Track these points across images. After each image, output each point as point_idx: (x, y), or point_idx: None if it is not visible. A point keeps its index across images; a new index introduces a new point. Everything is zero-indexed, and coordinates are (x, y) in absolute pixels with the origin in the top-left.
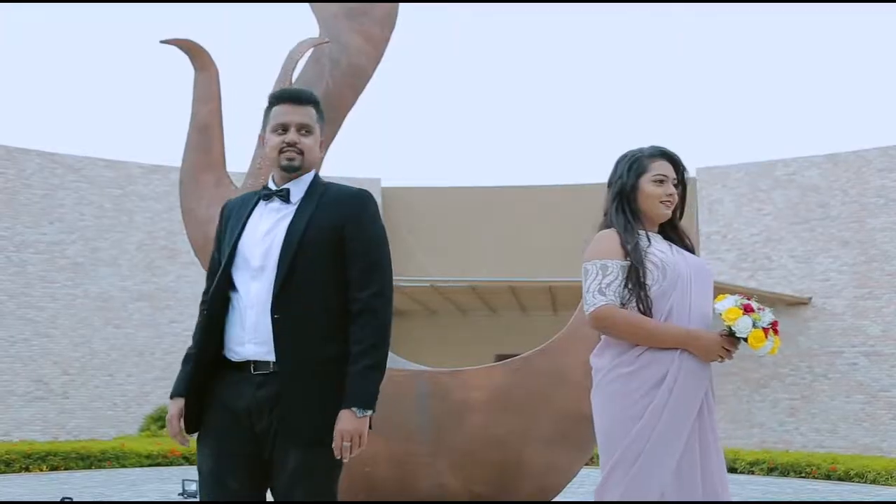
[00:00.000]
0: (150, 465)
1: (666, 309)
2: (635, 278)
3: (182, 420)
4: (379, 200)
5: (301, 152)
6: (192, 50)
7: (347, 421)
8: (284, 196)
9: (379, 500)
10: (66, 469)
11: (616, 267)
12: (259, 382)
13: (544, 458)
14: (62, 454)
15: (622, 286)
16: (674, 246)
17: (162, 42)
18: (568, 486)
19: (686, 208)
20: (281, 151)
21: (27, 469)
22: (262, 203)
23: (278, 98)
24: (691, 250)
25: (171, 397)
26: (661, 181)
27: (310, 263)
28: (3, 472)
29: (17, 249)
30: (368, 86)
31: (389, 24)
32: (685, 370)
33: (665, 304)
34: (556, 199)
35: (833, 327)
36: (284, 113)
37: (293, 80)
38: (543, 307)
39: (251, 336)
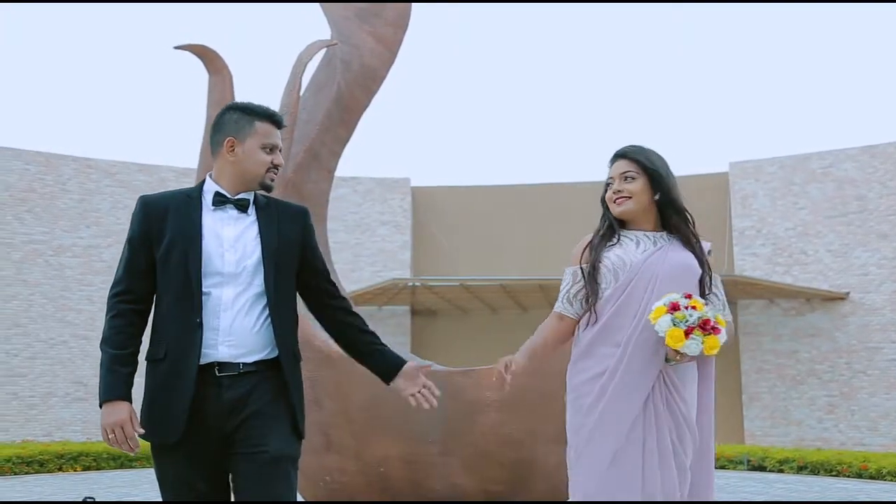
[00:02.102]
0: None
1: (611, 311)
2: (588, 279)
3: (134, 425)
4: (408, 200)
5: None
6: (206, 55)
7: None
8: (244, 206)
9: (392, 501)
10: (97, 469)
11: (569, 274)
12: (227, 385)
13: (558, 457)
14: (94, 454)
15: (571, 290)
16: (662, 244)
17: (176, 48)
18: None
19: (719, 203)
20: (268, 170)
21: (61, 469)
22: (210, 208)
23: (266, 116)
24: (691, 247)
25: (111, 400)
26: (610, 184)
27: (285, 273)
28: (38, 472)
29: (55, 253)
30: (398, 86)
31: (402, 24)
32: (625, 370)
33: (611, 306)
34: (585, 197)
35: (872, 322)
36: (273, 134)
37: (304, 83)
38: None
39: (225, 338)
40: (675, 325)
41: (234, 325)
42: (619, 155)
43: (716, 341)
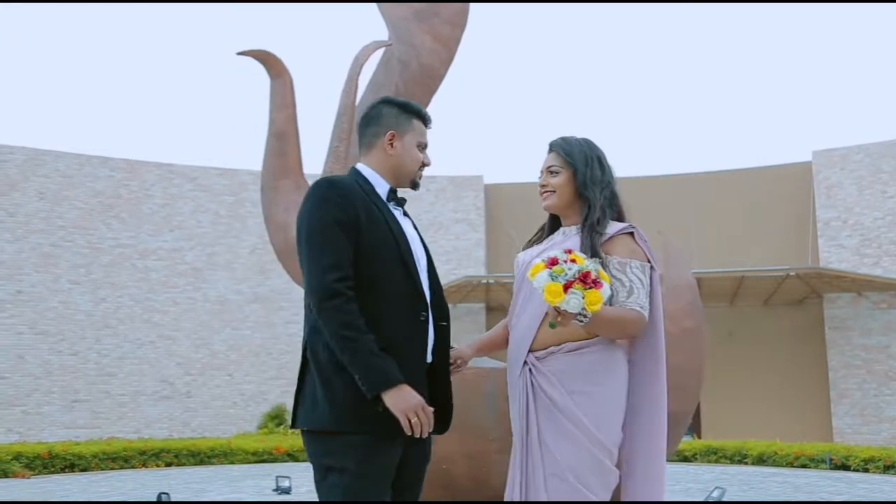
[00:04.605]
0: (255, 462)
1: (510, 310)
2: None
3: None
4: (481, 197)
5: None
6: (267, 59)
7: None
8: (402, 204)
9: (453, 500)
10: (178, 465)
11: None
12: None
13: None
14: (174, 451)
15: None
16: (567, 239)
17: (238, 54)
18: None
19: (802, 194)
20: (419, 168)
21: (144, 465)
22: (389, 203)
23: (421, 115)
24: (583, 235)
25: (396, 384)
26: (540, 177)
27: None
28: (122, 468)
29: (141, 257)
30: (470, 84)
31: (460, 23)
32: (508, 370)
33: (512, 304)
34: (654, 190)
35: None
36: (425, 133)
37: (362, 84)
38: None
39: (430, 338)
40: (552, 279)
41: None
42: (549, 147)
43: (597, 296)
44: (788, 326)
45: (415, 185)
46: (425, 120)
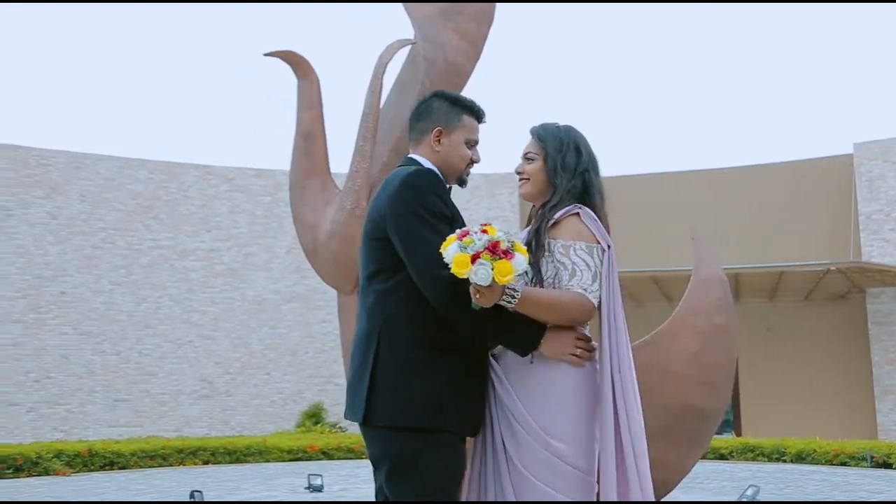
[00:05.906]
0: (290, 460)
1: None
2: None
3: None
4: (516, 195)
5: None
6: (294, 60)
7: None
8: None
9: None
10: (215, 464)
11: None
12: None
13: (652, 453)
14: (211, 449)
15: None
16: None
17: (266, 55)
18: (683, 481)
19: (844, 187)
20: (466, 165)
21: (182, 463)
22: None
23: (473, 111)
24: (536, 224)
25: (543, 333)
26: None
27: None
28: (161, 466)
29: (179, 258)
30: (501, 81)
31: (486, 20)
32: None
33: None
34: (693, 186)
35: None
36: (476, 130)
37: (388, 82)
38: (655, 297)
39: None
40: (462, 250)
41: None
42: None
43: (507, 267)
44: (830, 322)
45: (462, 182)
46: (478, 115)
